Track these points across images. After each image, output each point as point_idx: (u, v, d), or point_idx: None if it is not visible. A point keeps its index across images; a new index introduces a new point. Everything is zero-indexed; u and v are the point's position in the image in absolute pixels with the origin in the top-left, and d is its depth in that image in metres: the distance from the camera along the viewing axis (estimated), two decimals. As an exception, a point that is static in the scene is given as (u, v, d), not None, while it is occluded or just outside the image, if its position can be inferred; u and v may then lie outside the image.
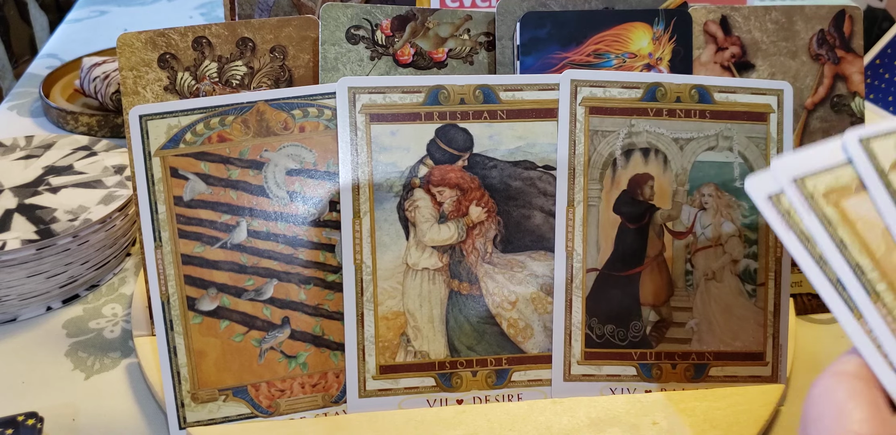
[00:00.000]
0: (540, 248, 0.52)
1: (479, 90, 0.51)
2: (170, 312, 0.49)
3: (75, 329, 0.62)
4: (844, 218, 0.31)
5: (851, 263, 0.31)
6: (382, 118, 0.51)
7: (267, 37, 0.56)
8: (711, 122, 0.53)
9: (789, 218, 0.32)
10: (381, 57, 0.56)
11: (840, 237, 0.31)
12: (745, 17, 0.58)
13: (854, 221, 0.31)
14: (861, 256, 0.31)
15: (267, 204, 0.50)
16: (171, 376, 0.49)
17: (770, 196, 0.32)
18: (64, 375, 0.57)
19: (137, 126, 0.49)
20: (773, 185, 0.32)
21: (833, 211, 0.31)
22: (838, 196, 0.31)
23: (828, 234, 0.31)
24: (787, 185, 0.31)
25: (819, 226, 0.31)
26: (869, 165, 0.31)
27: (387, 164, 0.51)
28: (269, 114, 0.50)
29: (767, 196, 0.32)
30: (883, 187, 0.31)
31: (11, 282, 0.60)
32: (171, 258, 0.49)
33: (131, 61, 0.54)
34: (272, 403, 0.50)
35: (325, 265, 0.51)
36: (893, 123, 0.32)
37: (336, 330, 0.51)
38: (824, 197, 0.31)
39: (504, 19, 0.56)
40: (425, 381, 0.51)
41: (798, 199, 0.31)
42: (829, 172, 0.31)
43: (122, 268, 0.69)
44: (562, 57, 0.55)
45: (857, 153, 0.31)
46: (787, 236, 0.32)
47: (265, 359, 0.51)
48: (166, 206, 0.49)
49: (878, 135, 0.31)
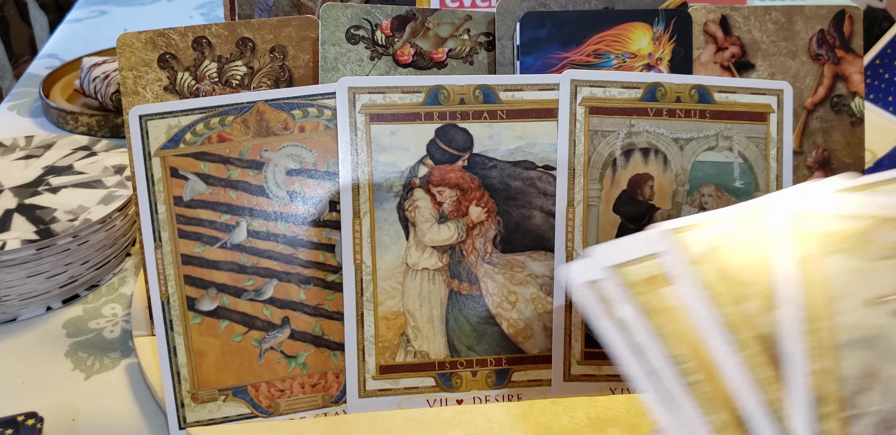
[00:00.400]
0: (540, 248, 0.52)
1: (479, 90, 0.51)
2: (170, 312, 0.49)
3: (75, 329, 0.62)
4: (661, 307, 0.31)
5: (667, 353, 0.30)
6: (382, 118, 0.51)
7: (267, 37, 0.56)
8: (711, 122, 0.53)
9: (606, 306, 0.31)
10: (381, 57, 0.56)
11: (656, 326, 0.31)
12: (745, 17, 0.58)
13: (670, 309, 0.31)
14: (677, 345, 0.30)
15: (267, 204, 0.50)
16: (170, 376, 0.49)
17: (588, 283, 0.32)
18: (64, 375, 0.57)
19: (137, 126, 0.49)
20: (592, 272, 0.32)
21: (650, 300, 0.31)
22: (655, 285, 0.31)
23: (644, 323, 0.31)
24: (606, 273, 0.31)
25: (635, 315, 0.31)
26: (678, 257, 0.31)
27: (387, 164, 0.51)
28: (269, 114, 0.50)
29: (585, 283, 0.32)
30: (690, 279, 0.31)
31: (11, 282, 0.60)
32: (171, 258, 0.49)
33: (131, 61, 0.54)
34: (272, 403, 0.50)
35: (325, 265, 0.51)
36: (701, 217, 0.32)
37: (336, 330, 0.51)
38: (641, 285, 0.31)
39: (504, 19, 0.56)
40: (425, 381, 0.51)
41: (616, 288, 0.31)
42: (645, 262, 0.32)
43: (122, 268, 0.69)
44: (562, 57, 0.55)
45: (667, 245, 0.31)
46: (604, 325, 0.31)
47: (265, 359, 0.51)
48: (166, 206, 0.49)
49: (687, 227, 0.32)
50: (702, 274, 0.31)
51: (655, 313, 0.31)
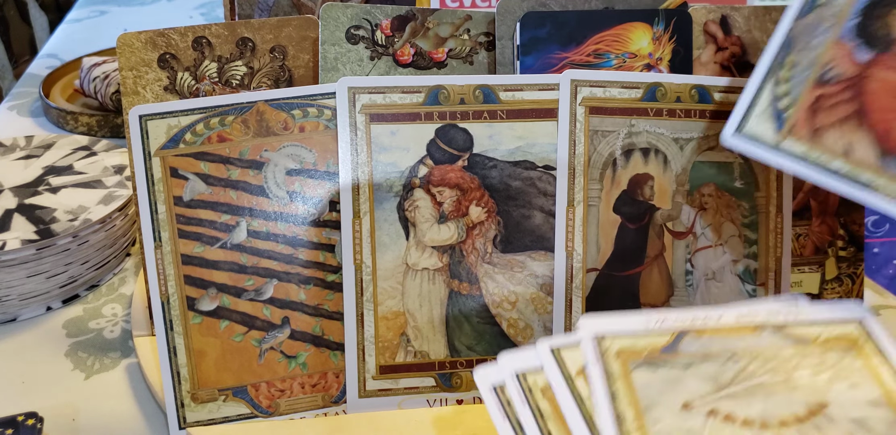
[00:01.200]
0: (540, 248, 0.52)
1: (479, 90, 0.51)
2: (170, 312, 0.49)
3: (75, 329, 0.62)
4: (557, 412, 0.33)
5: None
6: (382, 118, 0.51)
7: (267, 37, 0.56)
8: (711, 122, 0.53)
9: (509, 408, 0.34)
10: (381, 57, 0.56)
11: (549, 430, 0.33)
12: (745, 17, 0.58)
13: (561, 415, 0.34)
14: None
15: (267, 204, 0.50)
16: (170, 376, 0.49)
17: (494, 386, 0.35)
18: (64, 375, 0.57)
19: (137, 126, 0.49)
20: (498, 376, 0.35)
21: (547, 405, 0.34)
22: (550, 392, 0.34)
23: (538, 426, 0.33)
24: (509, 379, 0.34)
25: (531, 418, 0.33)
26: (557, 372, 0.34)
27: (387, 164, 0.51)
28: (269, 114, 0.50)
29: (492, 386, 0.35)
30: (569, 393, 0.33)
31: (11, 282, 0.60)
32: (171, 258, 0.49)
33: (131, 61, 0.54)
34: (272, 403, 0.50)
35: (325, 265, 0.51)
36: (579, 335, 0.34)
37: (336, 330, 0.51)
38: (541, 392, 0.34)
39: (504, 19, 0.56)
40: (425, 381, 0.51)
41: (517, 392, 0.34)
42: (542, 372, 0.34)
43: (122, 268, 0.69)
44: (562, 57, 0.55)
45: (547, 360, 0.34)
46: (503, 424, 0.34)
47: (265, 359, 0.51)
48: (166, 206, 0.49)
49: (567, 345, 0.34)
50: (576, 389, 0.34)
51: (550, 417, 0.34)
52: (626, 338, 0.35)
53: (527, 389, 0.34)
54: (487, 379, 0.35)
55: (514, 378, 0.34)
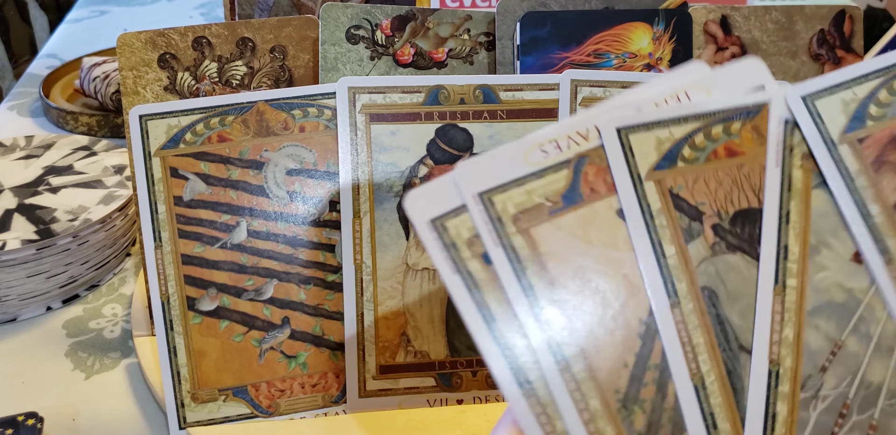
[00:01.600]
0: (540, 248, 0.52)
1: (479, 90, 0.51)
2: (170, 312, 0.49)
3: (75, 329, 0.62)
4: (535, 251, 0.26)
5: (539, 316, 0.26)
6: (382, 118, 0.51)
7: (267, 37, 0.56)
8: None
9: (456, 252, 0.26)
10: (381, 57, 0.56)
11: (529, 279, 0.26)
12: (745, 16, 0.58)
13: (544, 254, 0.26)
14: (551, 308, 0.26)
15: (267, 204, 0.50)
16: (171, 376, 0.49)
17: (435, 219, 0.26)
18: (64, 375, 0.57)
19: (137, 126, 0.49)
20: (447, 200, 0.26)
21: (523, 241, 0.26)
22: (530, 219, 0.26)
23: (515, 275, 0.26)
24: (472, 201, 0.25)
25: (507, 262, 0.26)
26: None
27: (387, 164, 0.51)
28: (269, 114, 0.50)
29: (431, 220, 0.26)
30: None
31: (11, 282, 0.60)
32: (171, 258, 0.49)
33: (131, 61, 0.54)
34: (272, 403, 0.50)
35: (325, 265, 0.51)
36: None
37: (336, 330, 0.51)
38: (512, 220, 0.26)
39: (504, 19, 0.56)
40: (425, 381, 0.51)
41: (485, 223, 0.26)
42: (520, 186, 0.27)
43: (122, 268, 0.69)
44: (562, 57, 0.55)
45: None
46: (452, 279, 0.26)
47: (265, 359, 0.51)
48: (166, 206, 0.49)
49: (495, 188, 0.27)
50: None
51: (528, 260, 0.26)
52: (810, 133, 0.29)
53: (495, 217, 0.26)
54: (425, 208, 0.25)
55: (479, 200, 0.26)
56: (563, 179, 0.28)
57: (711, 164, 0.30)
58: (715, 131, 0.30)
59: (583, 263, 0.27)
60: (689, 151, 0.30)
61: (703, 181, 0.30)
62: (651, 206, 0.29)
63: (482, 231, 0.26)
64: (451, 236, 0.26)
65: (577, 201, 0.28)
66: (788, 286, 0.29)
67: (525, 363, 0.26)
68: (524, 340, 0.26)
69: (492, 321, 0.26)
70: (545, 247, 0.27)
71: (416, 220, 0.26)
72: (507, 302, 0.26)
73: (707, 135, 0.30)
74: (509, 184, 0.27)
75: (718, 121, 0.30)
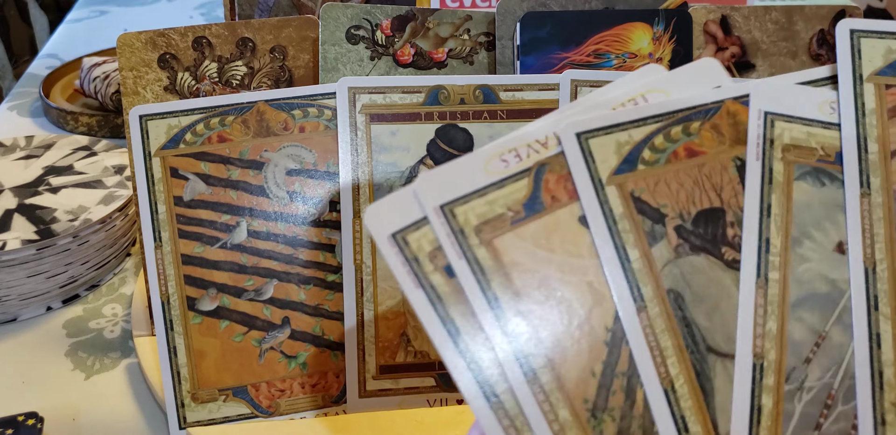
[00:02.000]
0: (540, 248, 0.52)
1: (479, 90, 0.51)
2: (170, 312, 0.49)
3: (75, 329, 0.62)
4: (498, 262, 0.26)
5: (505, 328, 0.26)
6: (382, 118, 0.51)
7: (267, 37, 0.56)
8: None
9: (418, 266, 0.26)
10: (381, 57, 0.56)
11: (495, 292, 0.26)
12: (745, 17, 0.58)
13: (508, 265, 0.26)
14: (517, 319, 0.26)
15: (267, 204, 0.50)
16: (171, 376, 0.49)
17: (396, 233, 0.26)
18: (64, 375, 0.57)
19: (137, 126, 0.49)
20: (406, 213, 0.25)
21: (487, 253, 0.26)
22: (493, 230, 0.26)
23: (480, 286, 0.25)
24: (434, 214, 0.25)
25: (470, 274, 0.25)
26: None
27: (387, 164, 0.51)
28: (269, 114, 0.50)
29: (391, 234, 0.26)
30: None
31: (11, 282, 0.60)
32: (171, 258, 0.49)
33: (131, 61, 0.54)
34: (272, 403, 0.50)
35: (325, 265, 0.51)
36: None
37: (336, 330, 0.51)
38: (475, 231, 0.26)
39: (504, 19, 0.56)
40: (425, 381, 0.51)
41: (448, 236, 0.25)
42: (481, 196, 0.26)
43: (122, 268, 0.69)
44: (562, 57, 0.55)
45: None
46: (416, 294, 0.25)
47: (265, 359, 0.51)
48: (166, 206, 0.49)
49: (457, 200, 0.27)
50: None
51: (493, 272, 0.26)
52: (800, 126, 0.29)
53: (457, 229, 0.26)
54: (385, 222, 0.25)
55: (440, 212, 0.25)
56: (523, 189, 0.28)
57: (672, 165, 0.30)
58: (674, 132, 0.30)
59: (547, 272, 0.27)
60: (649, 154, 0.30)
61: (665, 183, 0.30)
62: (613, 210, 0.29)
63: (445, 244, 0.26)
64: (413, 250, 0.26)
65: (538, 210, 0.28)
66: (771, 279, 0.28)
67: (492, 376, 0.26)
68: (490, 352, 0.26)
69: (457, 335, 0.26)
70: (509, 257, 0.27)
71: (376, 234, 0.26)
72: (472, 315, 0.26)
73: (667, 136, 0.30)
74: (470, 195, 0.27)
75: (677, 121, 0.30)
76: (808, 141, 0.29)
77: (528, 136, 0.29)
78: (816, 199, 0.29)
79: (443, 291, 0.26)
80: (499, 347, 0.26)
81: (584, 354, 0.27)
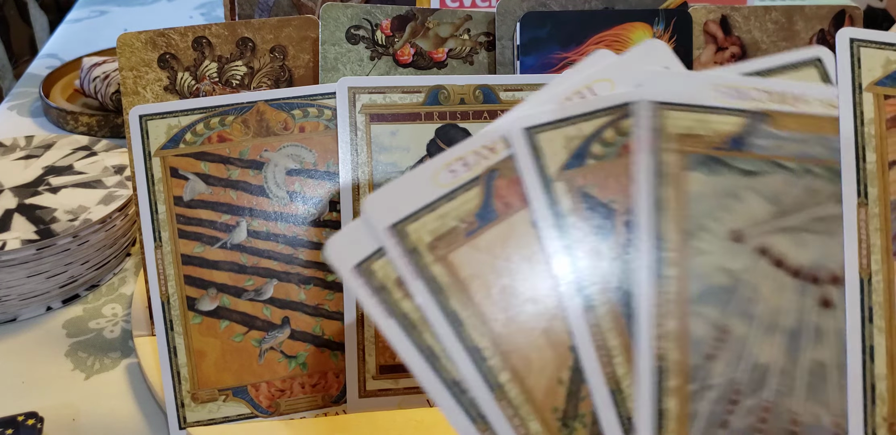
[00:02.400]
0: (540, 248, 0.52)
1: (479, 90, 0.51)
2: (170, 312, 0.49)
3: (75, 329, 0.62)
4: (455, 278, 0.25)
5: (468, 345, 0.25)
6: (382, 118, 0.51)
7: (267, 37, 0.56)
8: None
9: (387, 295, 0.25)
10: (381, 57, 0.56)
11: (453, 308, 0.25)
12: (745, 17, 0.58)
13: (466, 279, 0.26)
14: (480, 335, 0.25)
15: (267, 204, 0.50)
16: (171, 376, 0.49)
17: (359, 264, 0.25)
18: (64, 375, 0.57)
19: (137, 126, 0.49)
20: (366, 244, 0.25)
21: (443, 270, 0.25)
22: (448, 245, 0.26)
23: (439, 306, 0.25)
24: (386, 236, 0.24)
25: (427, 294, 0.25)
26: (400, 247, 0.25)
27: (387, 165, 0.51)
28: (269, 114, 0.50)
29: (356, 265, 0.25)
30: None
31: (11, 282, 0.60)
32: (171, 258, 0.49)
33: (131, 61, 0.54)
34: (272, 403, 0.50)
35: (325, 265, 0.51)
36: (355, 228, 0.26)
37: (336, 330, 0.51)
38: (428, 248, 0.25)
39: (504, 19, 0.56)
40: (425, 381, 0.51)
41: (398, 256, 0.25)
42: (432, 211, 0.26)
43: (122, 268, 0.69)
44: (562, 57, 0.55)
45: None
46: (388, 324, 0.25)
47: (265, 359, 0.51)
48: (166, 206, 0.49)
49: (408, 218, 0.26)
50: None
51: (450, 289, 0.25)
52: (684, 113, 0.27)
53: (410, 248, 0.25)
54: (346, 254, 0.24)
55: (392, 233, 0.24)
56: (475, 198, 0.27)
57: (622, 159, 0.29)
58: (624, 125, 0.29)
59: (506, 282, 0.26)
60: (598, 148, 0.29)
61: (615, 178, 0.29)
62: (562, 207, 0.28)
63: (399, 265, 0.25)
64: (380, 279, 0.25)
65: (491, 218, 0.27)
66: (667, 276, 0.27)
67: (474, 398, 0.26)
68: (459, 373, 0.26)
69: (435, 360, 0.25)
70: (466, 271, 0.26)
71: (339, 268, 0.26)
72: (437, 337, 0.25)
73: (617, 129, 0.29)
74: (421, 211, 0.26)
75: (626, 115, 0.29)
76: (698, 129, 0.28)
77: (474, 142, 0.28)
78: (710, 188, 0.28)
79: (414, 318, 0.26)
80: (464, 368, 0.26)
81: (550, 362, 0.26)
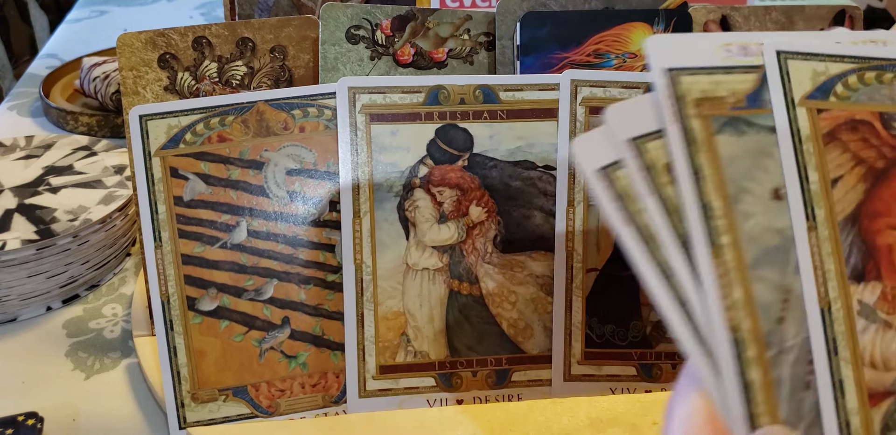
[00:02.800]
0: (540, 248, 0.52)
1: (479, 90, 0.51)
2: (170, 312, 0.49)
3: (75, 329, 0.62)
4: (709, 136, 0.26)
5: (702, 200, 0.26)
6: (382, 118, 0.51)
7: (267, 37, 0.56)
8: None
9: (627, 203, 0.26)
10: (381, 57, 0.56)
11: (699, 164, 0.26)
12: (745, 17, 0.58)
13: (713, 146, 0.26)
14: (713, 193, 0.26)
15: (267, 204, 0.50)
16: (171, 376, 0.49)
17: (604, 168, 0.26)
18: (64, 375, 0.57)
19: (137, 126, 0.49)
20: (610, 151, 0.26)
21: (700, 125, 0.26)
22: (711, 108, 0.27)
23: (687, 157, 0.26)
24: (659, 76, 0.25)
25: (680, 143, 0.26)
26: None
27: (387, 164, 0.51)
28: (269, 114, 0.50)
29: (600, 167, 0.26)
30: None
31: (11, 282, 0.60)
32: (171, 258, 0.49)
33: (131, 61, 0.54)
34: (272, 403, 0.50)
35: (325, 265, 0.51)
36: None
37: (336, 330, 0.51)
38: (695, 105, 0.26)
39: (504, 19, 0.56)
40: (425, 381, 0.51)
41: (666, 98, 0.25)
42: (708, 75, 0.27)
43: (122, 268, 0.69)
44: (562, 57, 0.55)
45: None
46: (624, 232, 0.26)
47: (265, 359, 0.51)
48: (166, 206, 0.49)
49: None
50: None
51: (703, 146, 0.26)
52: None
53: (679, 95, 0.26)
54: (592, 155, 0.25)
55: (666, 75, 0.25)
56: (750, 81, 0.28)
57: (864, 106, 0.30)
58: (868, 76, 0.30)
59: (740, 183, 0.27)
60: (841, 89, 0.30)
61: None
62: (801, 132, 0.29)
63: (664, 106, 0.26)
64: (622, 187, 0.26)
65: (758, 106, 0.28)
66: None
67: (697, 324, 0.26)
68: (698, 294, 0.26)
69: (667, 276, 0.26)
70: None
71: (584, 168, 0.26)
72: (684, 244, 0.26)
73: (860, 77, 0.30)
74: (699, 69, 0.27)
75: (875, 67, 0.30)
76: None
77: (747, 37, 0.29)
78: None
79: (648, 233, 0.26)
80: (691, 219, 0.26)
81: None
